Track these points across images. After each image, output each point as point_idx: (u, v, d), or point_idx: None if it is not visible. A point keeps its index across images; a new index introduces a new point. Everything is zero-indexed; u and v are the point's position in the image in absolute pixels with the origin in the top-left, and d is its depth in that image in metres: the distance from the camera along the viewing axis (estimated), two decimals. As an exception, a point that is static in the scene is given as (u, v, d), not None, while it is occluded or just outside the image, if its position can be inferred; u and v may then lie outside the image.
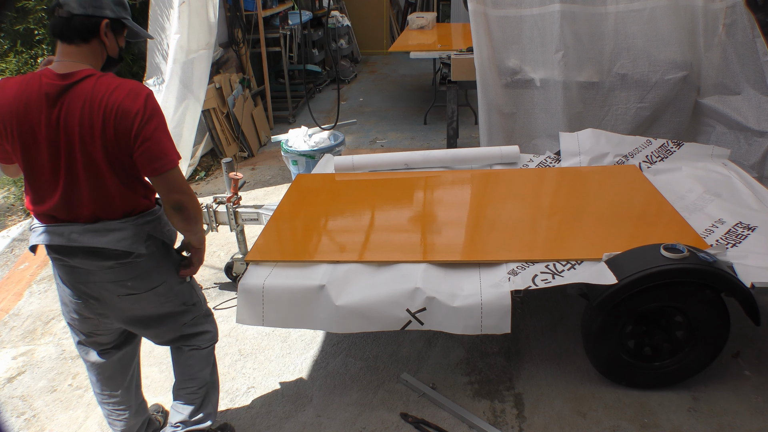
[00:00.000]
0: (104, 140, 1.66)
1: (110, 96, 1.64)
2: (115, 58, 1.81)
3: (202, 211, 1.90)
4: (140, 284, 1.87)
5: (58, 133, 1.66)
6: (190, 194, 1.81)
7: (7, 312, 3.32)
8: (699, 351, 2.35)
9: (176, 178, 1.75)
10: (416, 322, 2.18)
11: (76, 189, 1.72)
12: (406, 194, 3.13)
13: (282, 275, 2.35)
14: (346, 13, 9.27)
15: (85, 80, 1.66)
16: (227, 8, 5.54)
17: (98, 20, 1.69)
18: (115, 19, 1.74)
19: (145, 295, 1.90)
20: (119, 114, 1.64)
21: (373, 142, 5.86)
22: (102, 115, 1.64)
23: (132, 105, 1.65)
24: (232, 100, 5.37)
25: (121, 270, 1.81)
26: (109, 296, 1.86)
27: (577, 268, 2.28)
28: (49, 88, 1.65)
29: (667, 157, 3.21)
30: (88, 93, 1.64)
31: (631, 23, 3.73)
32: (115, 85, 1.66)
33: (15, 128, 1.66)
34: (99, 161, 1.69)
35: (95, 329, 2.00)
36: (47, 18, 4.44)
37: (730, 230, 2.50)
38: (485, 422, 2.32)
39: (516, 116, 3.99)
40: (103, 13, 1.70)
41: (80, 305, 1.90)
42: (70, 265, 1.80)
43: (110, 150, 1.68)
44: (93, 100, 1.64)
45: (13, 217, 4.75)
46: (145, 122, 1.66)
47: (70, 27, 1.68)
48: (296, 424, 2.40)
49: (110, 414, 2.17)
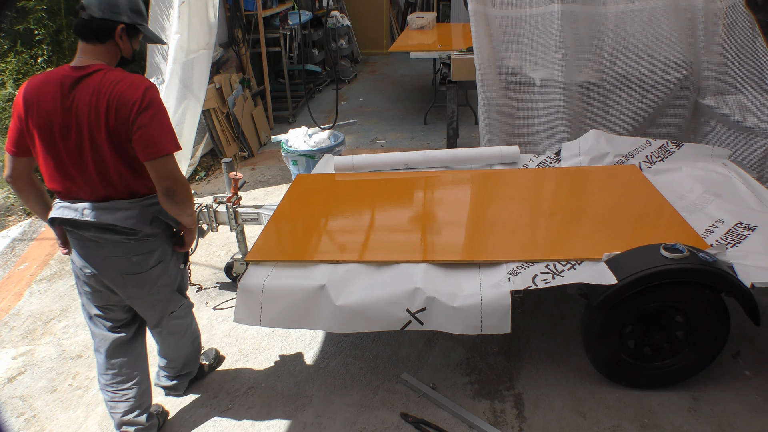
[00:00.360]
0: (107, 127, 1.84)
1: (114, 87, 1.82)
2: (128, 59, 2.02)
3: (192, 195, 2.04)
4: (144, 262, 2.06)
5: (70, 119, 1.85)
6: (181, 181, 1.94)
7: (7, 312, 3.32)
8: (699, 351, 2.35)
9: (168, 165, 1.89)
10: (416, 322, 2.18)
11: (86, 170, 1.91)
12: (406, 194, 3.13)
13: (282, 275, 2.35)
14: (346, 13, 9.27)
15: (96, 73, 1.85)
16: (227, 8, 5.54)
17: (114, 24, 1.89)
18: (130, 25, 1.94)
19: (145, 274, 2.08)
20: (119, 103, 1.82)
21: (373, 142, 5.86)
22: (106, 104, 1.82)
23: (131, 95, 1.82)
24: (232, 100, 5.37)
25: (128, 246, 2.01)
26: (114, 272, 2.05)
27: (577, 268, 2.28)
28: (64, 79, 1.85)
29: (667, 157, 3.21)
30: (96, 84, 1.83)
31: (631, 23, 3.73)
32: (120, 78, 1.85)
33: (35, 113, 1.86)
34: (104, 146, 1.87)
35: (106, 303, 2.18)
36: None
37: (730, 230, 2.50)
38: (485, 422, 2.32)
39: (516, 116, 3.99)
40: (120, 18, 1.90)
41: (90, 277, 2.09)
42: (83, 237, 1.99)
43: (113, 136, 1.86)
44: (100, 91, 1.82)
45: (13, 217, 4.75)
46: (141, 111, 1.82)
47: (89, 28, 1.88)
48: (296, 424, 2.40)
49: (113, 396, 2.26)
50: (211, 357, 2.74)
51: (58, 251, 3.95)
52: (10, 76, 4.48)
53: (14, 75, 4.49)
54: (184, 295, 2.35)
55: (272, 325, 2.34)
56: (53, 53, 4.56)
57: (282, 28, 6.51)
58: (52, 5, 4.53)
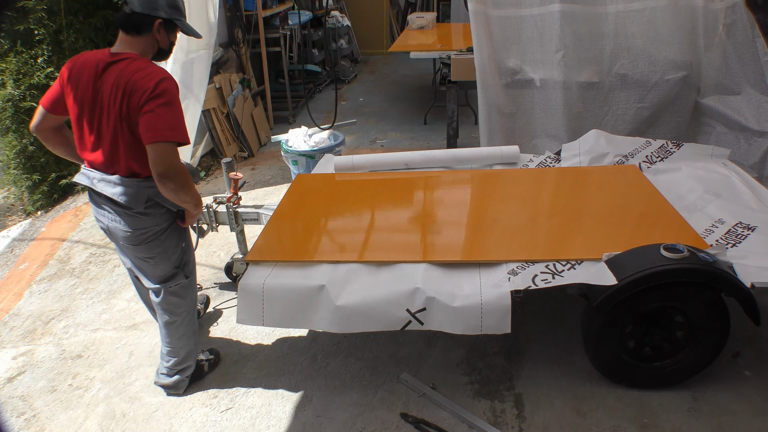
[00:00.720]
0: (121, 110, 2.01)
1: (133, 75, 1.99)
2: (166, 51, 2.20)
3: (189, 184, 2.15)
4: (137, 237, 2.23)
5: (96, 99, 2.06)
6: (174, 169, 2.03)
7: (7, 312, 3.32)
8: (699, 351, 2.35)
9: (163, 152, 1.99)
10: (416, 322, 2.18)
11: (101, 145, 2.12)
12: (406, 194, 3.13)
13: (282, 275, 2.35)
14: (346, 13, 9.27)
15: (123, 61, 2.04)
16: (227, 8, 5.54)
17: (152, 19, 2.06)
18: (167, 19, 2.10)
19: (141, 246, 2.26)
20: (134, 89, 1.98)
21: (373, 142, 5.86)
22: (122, 90, 1.99)
23: (145, 84, 1.97)
24: (232, 100, 5.37)
25: (125, 218, 2.19)
26: (116, 237, 2.28)
27: (577, 268, 2.28)
28: (100, 62, 2.06)
29: (667, 157, 3.21)
30: (122, 70, 2.02)
31: (631, 23, 3.73)
32: (142, 68, 2.01)
33: (74, 87, 2.09)
34: (115, 126, 2.05)
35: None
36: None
37: (730, 230, 2.50)
38: (485, 422, 2.32)
39: (516, 116, 3.99)
40: (158, 14, 2.06)
41: (106, 234, 2.33)
42: (97, 202, 2.24)
43: (123, 118, 2.03)
44: (121, 76, 2.00)
45: (13, 217, 4.76)
46: (151, 98, 1.96)
47: (129, 21, 2.05)
48: (296, 424, 2.40)
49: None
50: (211, 357, 2.74)
51: (58, 251, 3.95)
52: (10, 76, 4.48)
53: (14, 75, 4.48)
54: (185, 274, 2.42)
55: (274, 325, 2.34)
56: (53, 53, 4.56)
57: (282, 28, 6.51)
58: (52, 5, 4.52)
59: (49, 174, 4.78)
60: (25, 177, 4.75)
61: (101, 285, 3.51)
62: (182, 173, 2.07)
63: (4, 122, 4.56)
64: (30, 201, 4.84)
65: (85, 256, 3.85)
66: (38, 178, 4.74)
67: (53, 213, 4.67)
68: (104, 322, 3.16)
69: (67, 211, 4.59)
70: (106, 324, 3.14)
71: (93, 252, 3.90)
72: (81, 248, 3.97)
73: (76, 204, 4.67)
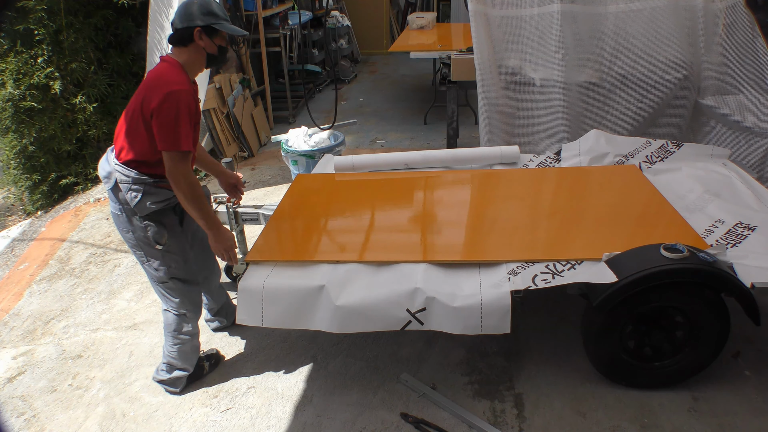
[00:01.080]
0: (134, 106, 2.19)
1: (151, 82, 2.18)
2: (215, 55, 2.31)
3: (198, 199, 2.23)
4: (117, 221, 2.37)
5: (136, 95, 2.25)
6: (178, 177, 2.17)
7: (7, 312, 3.32)
8: (699, 351, 2.35)
9: (170, 161, 2.16)
10: (416, 322, 2.18)
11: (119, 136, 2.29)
12: (406, 194, 3.13)
13: (282, 275, 2.35)
14: (346, 13, 9.27)
15: (157, 65, 2.25)
16: (227, 8, 5.54)
17: (191, 30, 2.20)
18: (205, 26, 2.21)
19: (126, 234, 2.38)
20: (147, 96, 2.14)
21: (373, 142, 5.86)
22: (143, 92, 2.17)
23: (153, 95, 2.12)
24: (232, 100, 5.37)
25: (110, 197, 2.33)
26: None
27: (577, 268, 2.28)
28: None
29: (667, 157, 3.21)
30: (150, 74, 2.24)
31: (631, 23, 3.73)
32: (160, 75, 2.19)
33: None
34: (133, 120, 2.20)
35: None
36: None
37: (730, 230, 2.49)
38: (485, 422, 2.32)
39: (516, 116, 3.99)
40: (194, 23, 2.20)
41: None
42: None
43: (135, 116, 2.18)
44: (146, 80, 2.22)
45: (13, 217, 4.76)
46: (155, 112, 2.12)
47: (174, 36, 2.24)
48: (296, 424, 2.40)
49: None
50: (211, 357, 2.74)
51: (58, 251, 3.95)
52: (10, 76, 4.48)
53: (14, 75, 4.49)
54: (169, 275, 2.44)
55: (273, 325, 2.34)
56: (53, 53, 4.56)
57: (282, 28, 6.51)
58: (52, 5, 4.53)
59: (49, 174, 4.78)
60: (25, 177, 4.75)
61: (101, 285, 3.51)
62: (189, 184, 2.21)
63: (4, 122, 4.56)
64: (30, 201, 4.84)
65: (85, 256, 3.85)
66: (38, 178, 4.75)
67: (53, 213, 4.67)
68: (104, 322, 3.16)
69: (67, 211, 4.59)
70: (106, 324, 3.14)
71: (93, 252, 3.90)
72: (81, 248, 3.97)
73: (76, 204, 4.67)
